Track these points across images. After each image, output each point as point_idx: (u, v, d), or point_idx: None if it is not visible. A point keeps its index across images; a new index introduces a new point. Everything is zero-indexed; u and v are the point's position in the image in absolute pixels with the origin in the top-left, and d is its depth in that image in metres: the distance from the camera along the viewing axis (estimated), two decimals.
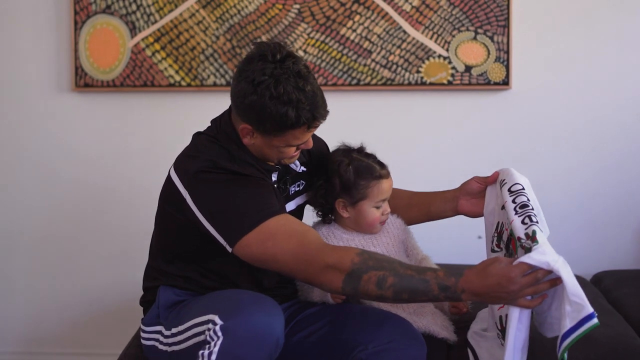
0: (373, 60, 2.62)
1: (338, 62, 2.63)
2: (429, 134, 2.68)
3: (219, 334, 1.49)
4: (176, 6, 2.66)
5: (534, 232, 1.47)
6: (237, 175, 1.65)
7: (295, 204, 1.85)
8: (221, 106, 1.79)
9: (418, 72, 2.61)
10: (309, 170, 1.86)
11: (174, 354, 1.67)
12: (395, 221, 1.92)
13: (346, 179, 1.81)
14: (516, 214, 1.56)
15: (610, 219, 2.64)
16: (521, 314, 1.48)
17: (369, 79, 2.63)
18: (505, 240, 1.61)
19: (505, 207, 1.62)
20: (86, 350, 2.83)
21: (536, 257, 1.42)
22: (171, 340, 1.68)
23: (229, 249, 1.62)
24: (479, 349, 1.74)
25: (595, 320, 1.39)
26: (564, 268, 1.41)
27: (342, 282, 1.53)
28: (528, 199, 1.60)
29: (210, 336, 1.51)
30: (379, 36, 2.61)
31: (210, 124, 1.78)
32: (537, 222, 1.51)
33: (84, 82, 2.70)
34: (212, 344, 1.50)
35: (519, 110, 2.63)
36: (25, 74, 2.76)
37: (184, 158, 1.73)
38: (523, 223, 1.52)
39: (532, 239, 1.46)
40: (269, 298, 1.57)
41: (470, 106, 2.64)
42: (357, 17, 2.62)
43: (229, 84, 2.59)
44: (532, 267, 1.43)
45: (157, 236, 1.84)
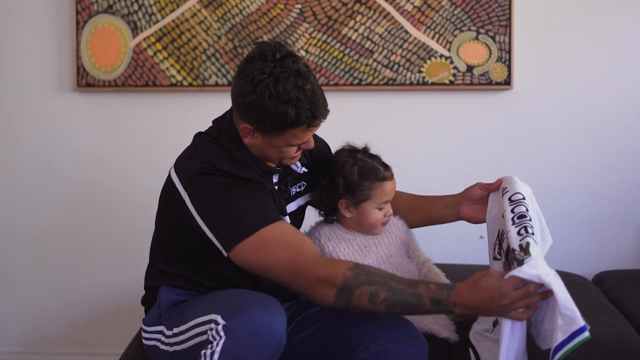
0: (375, 60, 2.62)
1: (340, 62, 2.63)
2: (430, 133, 2.68)
3: (222, 333, 1.49)
4: (178, 6, 2.66)
5: (527, 244, 1.47)
6: (236, 179, 1.65)
7: (296, 204, 1.85)
8: (223, 106, 1.79)
9: (420, 72, 2.61)
10: (310, 171, 1.86)
11: (175, 354, 1.66)
12: (397, 222, 1.92)
13: (350, 179, 1.80)
14: (513, 224, 1.55)
15: (610, 219, 2.64)
16: (513, 326, 1.48)
17: (370, 78, 2.62)
18: (505, 248, 1.60)
19: (504, 217, 1.61)
20: (87, 350, 2.83)
21: (527, 271, 1.41)
22: (173, 340, 1.67)
23: (225, 253, 1.62)
24: (480, 348, 1.73)
25: (587, 334, 1.38)
26: (555, 281, 1.41)
27: (334, 296, 1.53)
28: (527, 209, 1.59)
29: (212, 336, 1.50)
30: (380, 36, 2.61)
31: (211, 124, 1.78)
32: (532, 233, 1.50)
33: (85, 81, 2.70)
34: (215, 343, 1.49)
35: (520, 110, 2.63)
36: (27, 73, 2.76)
37: (184, 159, 1.73)
38: (519, 234, 1.51)
39: (525, 251, 1.46)
40: (271, 298, 1.57)
41: (471, 106, 2.64)
42: (358, 17, 2.62)
43: (230, 84, 2.56)
44: (523, 280, 1.42)
45: (157, 236, 1.84)
